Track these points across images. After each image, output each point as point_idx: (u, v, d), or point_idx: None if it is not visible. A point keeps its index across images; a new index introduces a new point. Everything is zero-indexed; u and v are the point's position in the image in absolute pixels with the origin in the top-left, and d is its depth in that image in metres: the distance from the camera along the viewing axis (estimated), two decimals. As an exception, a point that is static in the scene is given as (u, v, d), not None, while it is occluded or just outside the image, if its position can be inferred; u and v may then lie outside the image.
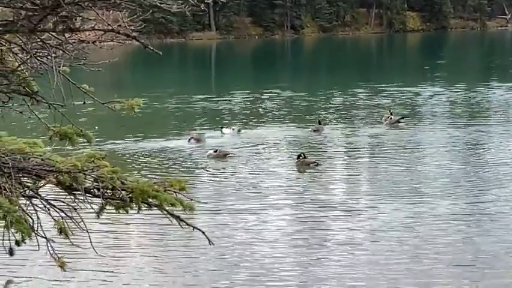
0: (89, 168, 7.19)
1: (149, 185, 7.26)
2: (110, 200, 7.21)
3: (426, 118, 37.67)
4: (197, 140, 30.50)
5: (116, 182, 7.17)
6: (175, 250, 16.91)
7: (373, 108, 40.77)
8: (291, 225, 19.06)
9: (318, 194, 22.08)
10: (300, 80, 60.38)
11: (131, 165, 25.70)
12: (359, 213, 19.77)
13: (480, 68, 72.40)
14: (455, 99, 44.35)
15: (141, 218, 16.96)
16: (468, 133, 32.16)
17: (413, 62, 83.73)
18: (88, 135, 7.28)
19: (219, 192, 22.39)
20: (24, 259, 15.08)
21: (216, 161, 26.94)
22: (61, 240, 7.13)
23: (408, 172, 24.60)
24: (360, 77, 57.51)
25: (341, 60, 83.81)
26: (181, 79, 65.13)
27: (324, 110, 40.14)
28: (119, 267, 15.98)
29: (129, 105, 7.17)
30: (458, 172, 24.61)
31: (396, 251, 16.67)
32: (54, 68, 6.52)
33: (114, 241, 17.50)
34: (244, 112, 40.23)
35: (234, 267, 15.89)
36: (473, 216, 19.31)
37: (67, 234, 7.08)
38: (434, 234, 17.73)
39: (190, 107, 43.01)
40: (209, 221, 18.07)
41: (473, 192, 21.60)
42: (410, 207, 20.12)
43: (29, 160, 7.17)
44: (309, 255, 16.57)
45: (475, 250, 16.67)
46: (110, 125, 33.52)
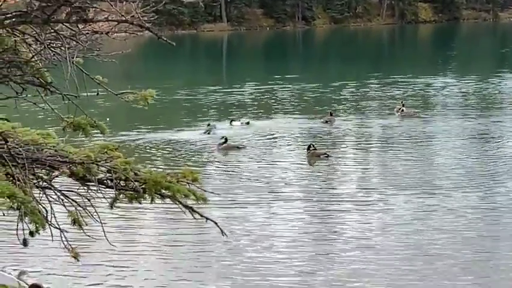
0: (103, 159, 7.20)
1: (162, 176, 7.27)
2: (123, 191, 7.23)
3: (439, 109, 37.56)
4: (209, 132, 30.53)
5: (129, 173, 7.18)
6: (188, 241, 16.93)
7: (385, 99, 40.68)
8: (301, 217, 19.03)
9: (329, 185, 22.08)
10: (311, 71, 60.27)
11: (143, 157, 25.72)
12: (369, 206, 19.68)
13: (492, 59, 72.11)
14: (468, 90, 44.21)
15: (154, 209, 16.96)
16: (480, 124, 32.05)
17: (425, 53, 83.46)
18: (101, 126, 7.30)
19: (229, 184, 22.37)
20: (38, 250, 15.12)
21: (226, 153, 26.93)
22: (75, 231, 7.15)
23: (420, 164, 24.48)
24: (372, 68, 57.41)
25: (352, 52, 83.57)
26: (192, 70, 65.10)
27: (335, 101, 40.06)
28: (132, 257, 16.01)
29: (142, 96, 7.18)
30: (471, 164, 24.45)
31: (408, 244, 16.55)
32: (68, 59, 6.52)
33: (127, 232, 17.53)
34: (255, 103, 40.20)
35: (245, 258, 15.89)
36: (486, 209, 19.16)
37: (81, 225, 7.10)
38: (447, 227, 17.60)
39: (201, 98, 43.00)
40: (220, 213, 18.05)
41: (486, 185, 21.45)
42: (422, 200, 20.00)
43: (43, 151, 7.19)
44: (320, 248, 16.54)
45: (489, 244, 16.55)
46: (121, 116, 33.57)
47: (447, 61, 65.93)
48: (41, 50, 6.86)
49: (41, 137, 7.30)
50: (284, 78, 50.94)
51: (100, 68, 7.59)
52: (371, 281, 14.66)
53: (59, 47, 6.79)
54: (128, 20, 6.53)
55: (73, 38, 6.75)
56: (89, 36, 6.96)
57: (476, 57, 75.07)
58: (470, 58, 73.18)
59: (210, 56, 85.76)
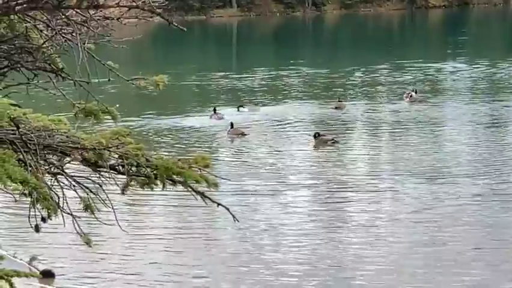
0: (114, 145, 7.20)
1: (173, 162, 7.27)
2: (135, 177, 7.23)
3: (449, 94, 37.45)
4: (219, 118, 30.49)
5: (140, 159, 7.18)
6: (198, 226, 16.98)
7: (395, 85, 40.59)
8: (309, 204, 19.03)
9: (337, 172, 21.98)
10: (321, 57, 60.14)
11: (153, 142, 25.79)
12: (378, 193, 19.61)
13: (503, 44, 71.83)
14: (478, 76, 44.06)
15: (166, 194, 17.00)
16: (491, 109, 31.97)
17: (435, 38, 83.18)
18: (113, 112, 7.29)
19: (237, 170, 22.38)
20: (50, 236, 15.18)
21: (234, 139, 26.92)
22: (87, 217, 7.16)
23: (430, 150, 24.38)
24: (382, 54, 57.22)
25: (362, 37, 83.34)
26: (202, 56, 65.10)
27: (345, 87, 40.00)
28: (144, 243, 16.06)
29: (154, 81, 7.17)
30: (481, 150, 24.29)
31: (418, 232, 16.46)
32: (79, 45, 6.51)
33: (139, 218, 17.59)
34: (265, 89, 40.16)
35: (254, 244, 15.93)
36: (497, 196, 18.98)
37: (93, 211, 7.11)
38: (457, 215, 17.49)
39: (211, 84, 42.99)
40: (230, 199, 18.07)
41: (497, 172, 21.23)
42: (432, 187, 19.88)
43: (54, 137, 7.19)
44: (328, 235, 16.52)
45: (500, 232, 16.40)
46: (132, 102, 33.59)
47: (457, 46, 65.70)
48: (52, 36, 6.85)
49: (52, 123, 7.29)
50: (294, 63, 50.87)
51: (111, 54, 7.59)
52: (380, 268, 14.61)
53: (70, 33, 6.77)
54: (139, 6, 6.51)
55: (83, 24, 6.74)
56: (100, 22, 6.95)
57: (487, 42, 74.74)
58: (481, 43, 72.89)
59: (219, 41, 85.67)
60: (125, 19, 7.05)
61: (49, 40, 6.86)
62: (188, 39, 72.77)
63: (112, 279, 14.46)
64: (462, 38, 75.94)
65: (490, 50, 63.18)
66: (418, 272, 14.41)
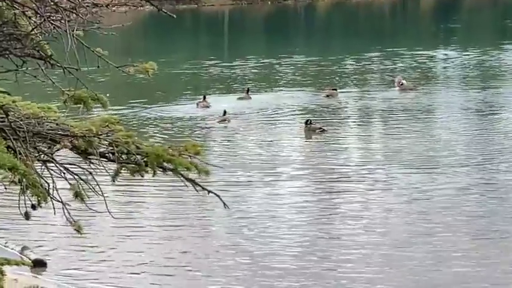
0: (104, 132, 7.20)
1: (164, 149, 7.27)
2: (125, 165, 7.23)
3: (440, 82, 37.44)
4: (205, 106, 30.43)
5: (131, 146, 7.18)
6: (190, 214, 16.99)
7: (387, 72, 40.55)
8: (300, 192, 18.95)
9: (327, 161, 21.87)
10: (313, 45, 60.09)
11: (144, 130, 25.76)
12: (369, 183, 19.43)
13: (494, 31, 71.85)
14: (469, 63, 44.06)
15: (156, 182, 16.98)
16: (483, 97, 31.98)
17: (426, 26, 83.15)
18: (103, 99, 7.28)
19: (228, 159, 22.33)
20: (40, 224, 15.15)
21: (226, 127, 26.89)
22: (77, 204, 7.16)
23: (422, 139, 24.20)
24: (374, 42, 57.14)
25: (354, 25, 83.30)
26: (193, 45, 64.97)
27: (337, 75, 39.95)
28: (135, 230, 16.06)
29: (143, 68, 7.15)
30: (473, 139, 24.16)
31: (409, 223, 16.30)
32: (68, 32, 6.50)
33: (129, 205, 17.57)
34: (257, 78, 40.10)
35: (246, 233, 15.93)
36: (490, 186, 18.81)
37: (83, 199, 7.11)
38: (450, 205, 17.30)
39: (202, 72, 42.92)
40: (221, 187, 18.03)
41: (489, 161, 21.05)
42: (424, 176, 19.70)
43: (44, 124, 7.18)
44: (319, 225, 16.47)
45: (493, 222, 16.21)
46: (121, 90, 33.48)
47: (449, 33, 65.70)
48: (41, 23, 6.83)
49: (42, 111, 7.28)
50: (286, 52, 50.76)
51: (101, 42, 7.56)
52: (371, 259, 14.47)
53: (59, 20, 6.76)
54: (128, -8, 6.50)
55: (72, 11, 6.73)
56: (89, 9, 6.94)
57: (478, 29, 74.80)
58: (472, 30, 72.94)
59: (211, 30, 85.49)
60: (114, 6, 7.03)
61: (38, 27, 6.84)
62: (179, 28, 72.57)
63: (103, 267, 14.45)
64: (453, 25, 75.93)
65: (481, 38, 63.22)
66: (410, 263, 14.24)
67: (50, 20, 6.74)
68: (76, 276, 14.16)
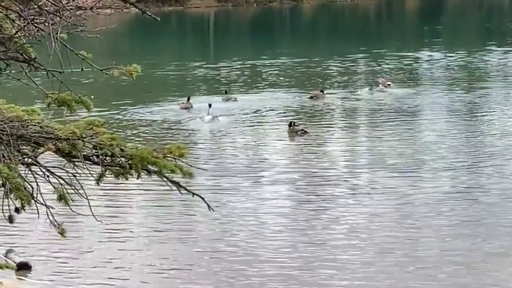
0: (88, 135, 7.19)
1: (148, 151, 7.27)
2: (109, 167, 7.22)
3: (426, 84, 37.55)
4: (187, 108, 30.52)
5: (115, 149, 7.17)
6: (175, 216, 16.96)
7: (372, 74, 40.65)
8: (286, 196, 18.88)
9: (313, 163, 21.73)
10: (299, 47, 60.15)
11: (128, 133, 25.74)
12: (354, 186, 19.27)
13: (479, 33, 72.18)
14: (455, 64, 44.23)
15: (141, 184, 16.98)
16: (468, 98, 32.11)
17: (411, 27, 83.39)
18: (87, 102, 7.27)
19: (212, 161, 22.32)
20: (24, 227, 15.11)
21: (211, 128, 26.87)
22: (61, 207, 7.15)
23: (407, 141, 24.08)
24: (359, 44, 57.28)
25: (339, 27, 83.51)
26: (179, 47, 64.95)
27: (322, 77, 40.02)
28: (119, 233, 16.03)
29: (127, 71, 7.15)
30: (459, 141, 24.00)
31: (395, 227, 16.08)
32: (51, 35, 6.50)
33: (114, 208, 17.55)
34: (242, 79, 40.14)
35: (230, 235, 15.92)
36: (476, 189, 18.65)
37: (67, 202, 7.10)
38: (435, 209, 17.11)
39: (187, 74, 42.91)
40: (205, 189, 18.03)
41: (475, 164, 20.91)
42: (410, 180, 19.48)
43: (28, 127, 7.16)
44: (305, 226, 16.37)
45: (478, 227, 16.04)
46: (106, 92, 33.45)
47: (434, 35, 65.89)
48: (24, 26, 6.82)
49: (25, 114, 7.27)
50: (271, 53, 50.84)
51: (86, 45, 7.54)
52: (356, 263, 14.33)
53: (42, 23, 6.76)
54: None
55: (56, 14, 6.72)
56: (73, 11, 6.93)
57: (463, 31, 75.10)
58: (457, 32, 73.21)
59: (196, 32, 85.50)
60: (98, 9, 7.03)
61: (21, 30, 6.83)
62: (165, 30, 72.53)
63: (88, 270, 14.43)
64: (438, 27, 76.19)
65: (466, 39, 63.49)
66: (394, 268, 14.09)
67: (34, 23, 6.74)
68: (60, 279, 14.13)
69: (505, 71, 41.65)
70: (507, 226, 16.05)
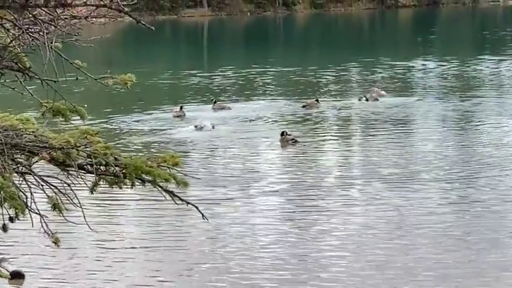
0: (82, 144, 7.20)
1: (142, 160, 7.28)
2: (103, 176, 7.23)
3: (419, 93, 37.63)
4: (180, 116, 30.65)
5: (109, 158, 7.18)
6: (169, 226, 16.95)
7: (365, 83, 40.74)
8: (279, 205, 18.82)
9: (303, 173, 21.66)
10: (292, 56, 60.26)
11: (123, 141, 25.74)
12: (343, 197, 19.07)
13: (472, 43, 72.36)
14: (448, 74, 44.34)
15: (135, 193, 16.96)
16: (461, 108, 32.17)
17: (405, 37, 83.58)
18: (81, 111, 7.28)
19: (206, 170, 22.30)
20: (18, 236, 15.10)
21: (203, 136, 26.88)
22: (55, 216, 7.15)
23: (400, 151, 23.94)
24: (353, 53, 57.44)
25: (333, 36, 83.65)
26: (173, 56, 65.00)
27: (316, 86, 40.08)
28: (113, 243, 16.01)
29: (122, 80, 7.17)
30: (452, 151, 23.88)
31: (388, 238, 15.95)
32: (46, 44, 6.50)
33: (108, 217, 17.53)
34: (236, 88, 40.20)
35: (226, 245, 15.91)
36: (469, 201, 18.44)
37: (61, 211, 7.10)
38: (428, 221, 16.91)
39: (181, 82, 42.96)
40: (201, 198, 18.03)
41: (468, 175, 20.69)
42: (403, 191, 19.29)
43: (22, 136, 7.17)
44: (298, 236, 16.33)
45: (472, 238, 15.93)
46: (100, 101, 33.45)
47: (427, 45, 66.07)
48: (19, 35, 6.83)
49: (20, 123, 7.27)
50: (264, 62, 50.94)
51: (80, 53, 7.57)
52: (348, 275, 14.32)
53: (37, 32, 6.76)
54: (106, 5, 6.52)
55: (51, 23, 6.73)
56: (68, 21, 6.94)
57: (456, 40, 75.27)
58: (450, 41, 73.38)
59: (190, 41, 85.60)
60: (93, 18, 7.04)
61: (16, 39, 6.84)
62: (159, 39, 72.59)
63: (81, 279, 14.40)
64: (432, 36, 76.38)
65: (459, 49, 63.61)
66: (388, 279, 13.99)
67: (29, 32, 6.74)
68: (53, 288, 14.11)
69: (498, 79, 41.81)
70: (501, 238, 15.95)
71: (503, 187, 19.55)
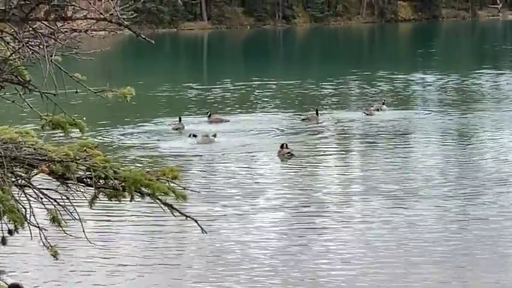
0: (82, 157, 7.20)
1: (141, 173, 7.28)
2: (102, 189, 7.23)
3: (420, 106, 37.66)
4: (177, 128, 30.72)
5: (108, 171, 7.18)
6: (168, 239, 16.92)
7: (365, 97, 40.79)
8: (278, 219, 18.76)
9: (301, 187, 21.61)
10: (292, 69, 60.35)
11: (122, 154, 25.72)
12: (341, 212, 18.90)
13: (471, 56, 72.50)
14: (447, 88, 44.40)
15: (134, 207, 16.94)
16: (460, 121, 32.22)
17: (404, 51, 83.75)
18: (80, 124, 7.29)
19: (205, 183, 22.28)
20: (17, 249, 15.07)
21: (202, 148, 26.86)
22: (54, 229, 7.15)
23: (398, 167, 23.73)
24: (352, 66, 57.53)
25: (333, 50, 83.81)
26: (172, 69, 65.05)
27: (316, 99, 40.11)
28: (112, 256, 15.98)
29: (121, 93, 7.18)
30: (451, 166, 23.71)
31: (387, 256, 15.69)
32: (46, 57, 6.52)
33: (107, 230, 17.50)
34: (235, 101, 40.23)
35: (225, 258, 15.88)
36: (470, 217, 18.22)
37: (60, 224, 7.10)
38: (428, 237, 16.76)
39: (181, 96, 43.02)
40: (200, 211, 18.00)
41: (468, 191, 20.46)
42: (402, 207, 19.09)
43: (22, 149, 7.18)
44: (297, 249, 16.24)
45: (473, 256, 15.72)
46: (100, 113, 33.47)
47: (427, 58, 66.17)
48: (19, 48, 6.85)
49: (19, 136, 7.28)
50: (265, 76, 50.99)
51: (80, 67, 7.58)
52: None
53: (37, 45, 6.78)
54: (106, 18, 6.53)
55: (51, 36, 6.75)
56: (68, 34, 6.96)
57: (456, 54, 75.42)
58: (450, 56, 73.50)
59: (190, 54, 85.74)
60: (93, 31, 7.06)
61: (16, 52, 6.86)
62: (159, 52, 72.72)
63: (81, 292, 14.38)
64: (431, 50, 76.51)
65: (459, 62, 63.73)
66: None
67: (29, 45, 6.76)
68: (52, 301, 14.08)
69: (498, 93, 41.85)
70: (501, 257, 15.76)
71: (504, 203, 19.32)
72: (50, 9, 6.45)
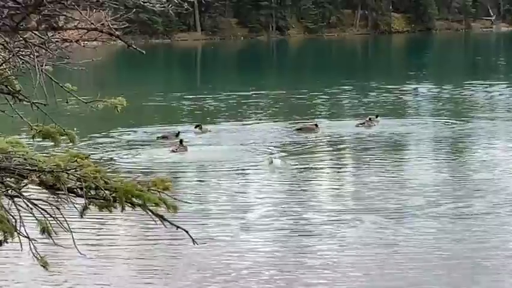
0: (72, 167, 7.17)
1: (132, 184, 7.25)
2: (93, 200, 7.20)
3: (414, 117, 37.65)
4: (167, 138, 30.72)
5: (99, 182, 7.15)
6: (159, 250, 16.87)
7: (360, 108, 40.81)
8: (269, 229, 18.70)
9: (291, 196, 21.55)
10: (286, 80, 60.37)
11: (113, 164, 25.66)
12: (337, 225, 18.74)
13: (464, 67, 72.66)
14: (441, 99, 44.48)
15: (125, 217, 16.89)
16: (454, 132, 32.27)
17: (398, 62, 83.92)
18: (71, 134, 7.27)
19: (196, 193, 22.22)
20: (6, 259, 15.01)
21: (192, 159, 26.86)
22: (44, 240, 7.11)
23: (389, 179, 23.54)
24: (346, 78, 57.54)
25: (326, 61, 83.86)
26: (165, 79, 65.06)
27: (309, 109, 40.10)
28: (102, 266, 15.93)
29: (112, 104, 7.16)
30: (445, 179, 23.54)
31: (381, 274, 15.54)
32: (37, 67, 6.50)
33: (97, 241, 17.44)
34: (229, 111, 40.22)
35: (216, 269, 15.84)
36: (463, 232, 18.00)
37: (50, 234, 7.06)
38: (417, 252, 16.62)
39: (173, 106, 42.99)
40: (191, 222, 17.94)
41: (462, 204, 20.25)
42: (395, 223, 18.84)
43: (12, 159, 7.14)
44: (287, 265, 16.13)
45: (470, 271, 15.60)
46: (90, 123, 33.35)
47: (420, 70, 66.25)
48: (9, 58, 6.83)
49: (10, 146, 7.25)
50: (257, 86, 50.98)
51: (71, 76, 7.56)
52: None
53: (28, 55, 6.76)
54: (97, 28, 6.52)
55: (42, 46, 6.73)
56: (59, 44, 6.94)
57: (449, 66, 75.57)
58: (443, 67, 73.65)
59: (183, 65, 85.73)
60: (84, 41, 7.05)
61: (7, 62, 6.83)
62: (152, 62, 72.72)
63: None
64: (424, 62, 76.66)
65: (452, 74, 63.83)
66: None
67: (19, 55, 6.74)
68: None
69: (491, 104, 41.92)
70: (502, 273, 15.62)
71: (499, 216, 19.21)
72: (41, 19, 6.44)
